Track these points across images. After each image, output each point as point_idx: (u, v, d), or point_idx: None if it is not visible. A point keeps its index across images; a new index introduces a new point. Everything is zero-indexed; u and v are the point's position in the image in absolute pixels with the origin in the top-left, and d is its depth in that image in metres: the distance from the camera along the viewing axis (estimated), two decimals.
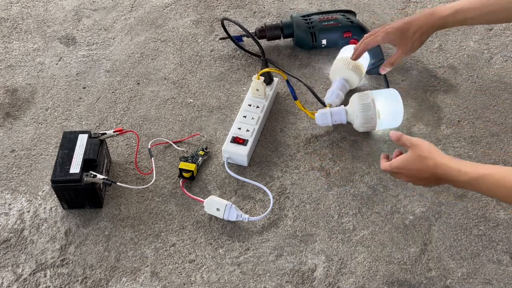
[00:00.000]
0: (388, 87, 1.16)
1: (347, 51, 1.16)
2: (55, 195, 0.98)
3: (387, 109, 1.06)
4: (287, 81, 1.10)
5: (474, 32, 1.31)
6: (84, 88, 1.22)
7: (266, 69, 1.11)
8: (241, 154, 1.04)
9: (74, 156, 0.96)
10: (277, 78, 1.17)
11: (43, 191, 1.03)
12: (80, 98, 1.20)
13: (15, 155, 1.09)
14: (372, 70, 1.19)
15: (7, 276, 0.91)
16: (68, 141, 0.99)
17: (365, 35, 1.08)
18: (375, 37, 1.05)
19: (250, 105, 1.11)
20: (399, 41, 1.04)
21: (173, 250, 0.94)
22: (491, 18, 0.97)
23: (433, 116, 1.14)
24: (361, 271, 0.91)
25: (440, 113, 1.14)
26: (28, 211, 1.00)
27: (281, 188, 1.02)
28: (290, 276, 0.90)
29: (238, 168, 1.05)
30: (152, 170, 1.02)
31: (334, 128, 1.11)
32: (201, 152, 1.06)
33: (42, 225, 0.98)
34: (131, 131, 1.08)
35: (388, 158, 0.95)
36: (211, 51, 1.30)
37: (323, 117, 1.08)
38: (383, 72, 1.11)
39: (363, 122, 1.06)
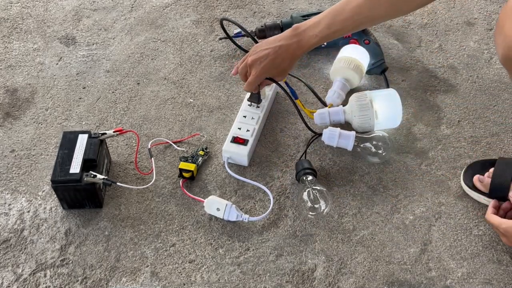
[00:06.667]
0: (388, 87, 1.16)
1: (347, 51, 1.16)
2: (55, 195, 0.98)
3: (385, 109, 1.06)
4: (286, 83, 1.10)
5: (474, 32, 1.31)
6: (84, 88, 1.23)
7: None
8: (241, 154, 1.04)
9: (74, 156, 0.96)
10: None
11: (43, 191, 1.03)
12: (80, 98, 1.20)
13: (15, 155, 1.09)
14: (372, 70, 1.19)
15: (7, 276, 0.91)
16: (68, 141, 0.99)
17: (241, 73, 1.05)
18: (252, 82, 1.03)
19: (250, 105, 1.11)
20: (275, 74, 1.03)
21: (173, 250, 0.94)
22: (350, 26, 0.97)
23: (433, 116, 1.14)
24: (361, 271, 0.91)
25: (440, 113, 1.14)
26: (28, 211, 1.00)
27: (281, 188, 1.02)
28: (290, 276, 0.90)
29: (238, 168, 1.05)
30: (152, 170, 1.02)
31: None
32: (201, 152, 1.06)
33: (42, 225, 0.98)
34: (131, 131, 1.08)
35: (498, 208, 0.93)
36: (211, 51, 1.30)
37: (322, 117, 1.08)
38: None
39: (361, 123, 1.06)
